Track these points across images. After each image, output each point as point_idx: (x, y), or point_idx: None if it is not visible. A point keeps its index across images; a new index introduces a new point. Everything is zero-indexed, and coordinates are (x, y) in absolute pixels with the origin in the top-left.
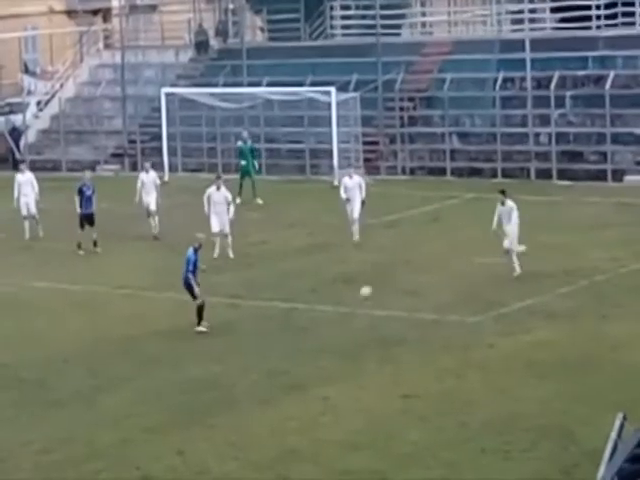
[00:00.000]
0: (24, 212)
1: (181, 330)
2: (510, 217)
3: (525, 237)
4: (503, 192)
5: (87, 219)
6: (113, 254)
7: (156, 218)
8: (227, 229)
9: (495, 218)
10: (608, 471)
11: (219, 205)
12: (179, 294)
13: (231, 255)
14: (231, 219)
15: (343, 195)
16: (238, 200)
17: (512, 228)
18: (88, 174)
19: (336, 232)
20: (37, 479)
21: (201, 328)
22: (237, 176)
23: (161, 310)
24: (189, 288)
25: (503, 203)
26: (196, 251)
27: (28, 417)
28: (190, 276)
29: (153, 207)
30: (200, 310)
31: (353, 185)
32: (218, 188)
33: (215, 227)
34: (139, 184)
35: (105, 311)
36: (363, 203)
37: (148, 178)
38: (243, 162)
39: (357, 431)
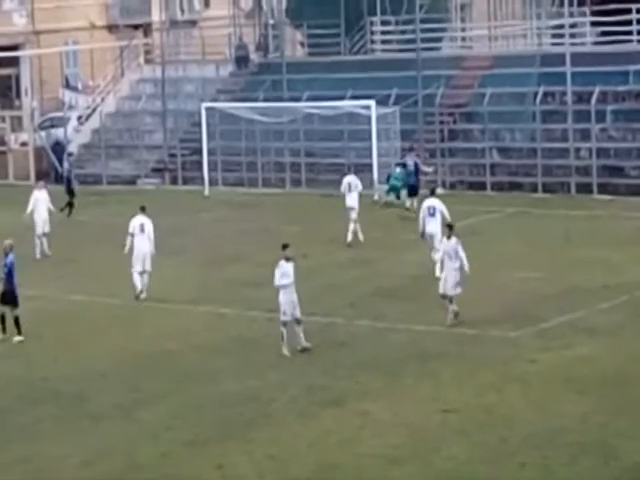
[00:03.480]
0: (39, 231)
1: (219, 344)
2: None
3: (565, 251)
4: (450, 227)
5: None
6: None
7: None
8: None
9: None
10: None
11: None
12: (216, 308)
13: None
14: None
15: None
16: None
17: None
18: None
19: (376, 247)
20: None
21: None
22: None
23: (199, 324)
24: None
25: (449, 237)
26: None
27: (67, 431)
28: None
29: None
30: None
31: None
32: None
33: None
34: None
35: (143, 325)
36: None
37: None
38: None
39: (397, 446)
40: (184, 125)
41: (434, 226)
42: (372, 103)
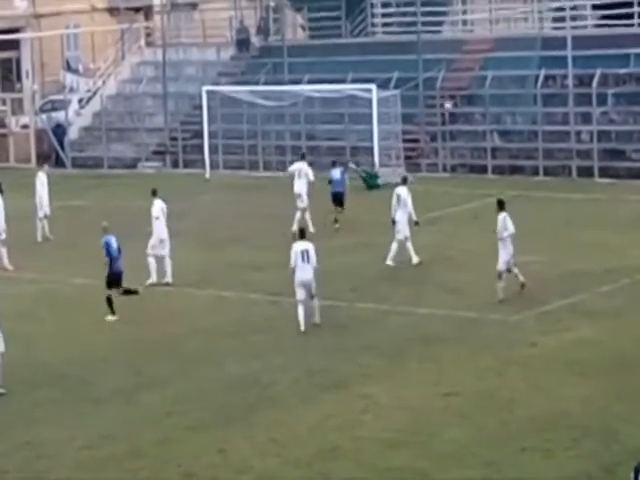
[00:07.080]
0: (41, 213)
1: (221, 327)
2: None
3: (567, 235)
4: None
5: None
6: None
7: None
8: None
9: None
10: None
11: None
12: (218, 291)
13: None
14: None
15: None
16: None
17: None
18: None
19: (377, 230)
20: (79, 476)
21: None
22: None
23: (201, 307)
24: None
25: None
26: None
27: (70, 414)
28: None
29: None
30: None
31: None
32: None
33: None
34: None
35: (145, 309)
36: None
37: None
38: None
39: (398, 429)
40: (185, 108)
41: (400, 214)
42: (373, 86)
